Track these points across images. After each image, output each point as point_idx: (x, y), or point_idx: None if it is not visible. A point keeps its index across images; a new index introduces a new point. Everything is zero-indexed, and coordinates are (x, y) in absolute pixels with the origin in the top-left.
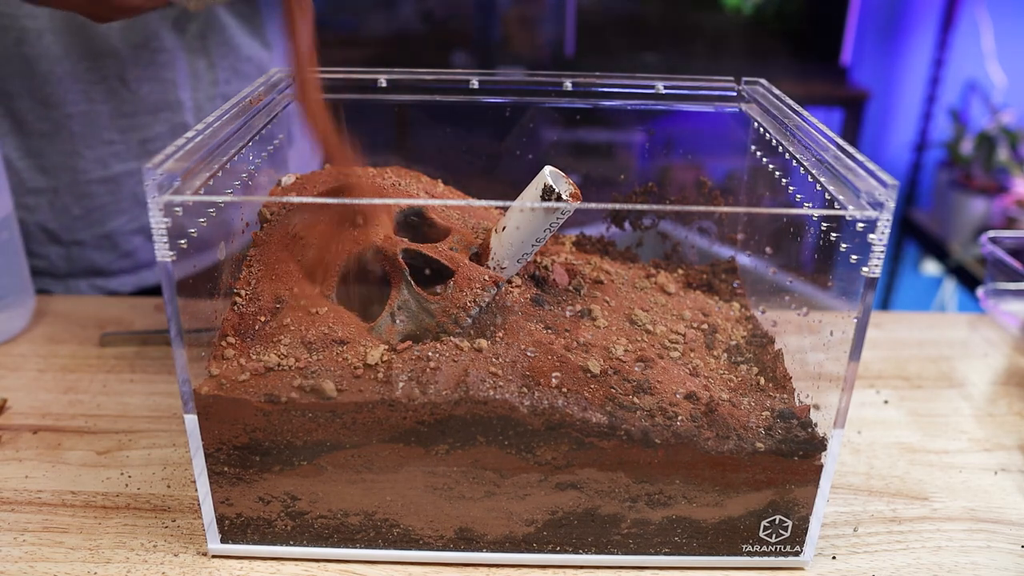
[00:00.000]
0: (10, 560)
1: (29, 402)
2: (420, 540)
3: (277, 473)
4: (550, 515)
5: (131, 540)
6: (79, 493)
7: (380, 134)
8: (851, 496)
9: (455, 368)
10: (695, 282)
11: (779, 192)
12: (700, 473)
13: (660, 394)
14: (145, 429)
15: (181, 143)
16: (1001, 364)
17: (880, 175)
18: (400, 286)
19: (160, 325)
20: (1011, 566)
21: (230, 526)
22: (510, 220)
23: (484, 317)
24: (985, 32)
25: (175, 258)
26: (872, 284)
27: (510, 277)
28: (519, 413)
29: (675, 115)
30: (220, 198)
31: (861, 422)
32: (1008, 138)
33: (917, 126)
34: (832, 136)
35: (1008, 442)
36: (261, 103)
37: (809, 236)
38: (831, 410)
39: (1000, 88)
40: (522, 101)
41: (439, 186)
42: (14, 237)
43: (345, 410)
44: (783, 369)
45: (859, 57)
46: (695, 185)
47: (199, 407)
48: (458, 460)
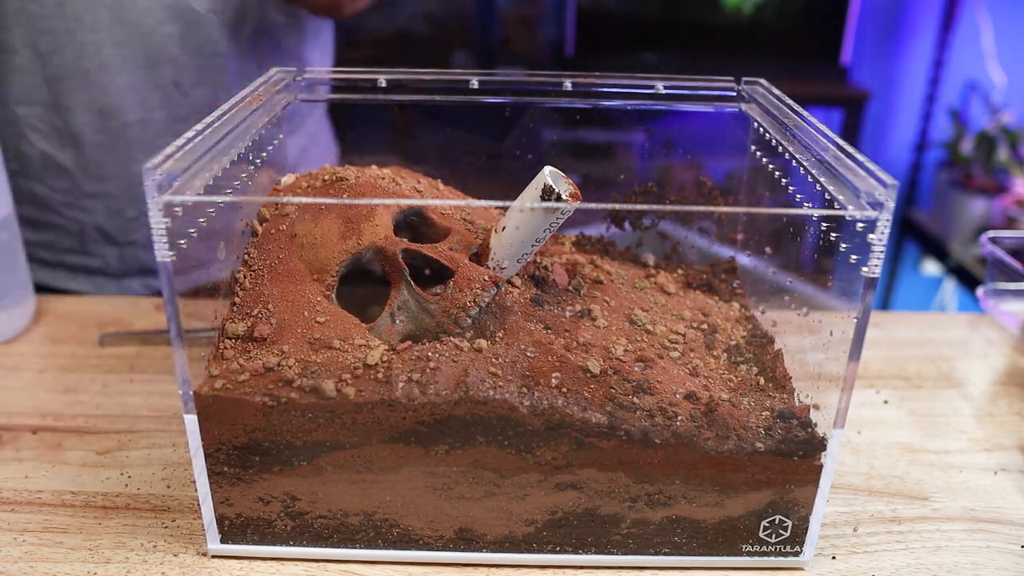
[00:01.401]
0: (10, 560)
1: (29, 402)
2: (420, 540)
3: (277, 473)
4: (550, 515)
5: (131, 540)
6: (79, 493)
7: (380, 134)
8: (851, 496)
9: (455, 368)
10: (695, 282)
11: (779, 192)
12: (700, 473)
13: (660, 394)
14: (145, 429)
15: (181, 143)
16: (1001, 364)
17: (880, 175)
18: (400, 286)
19: (160, 325)
20: (1011, 566)
21: (230, 526)
22: (510, 220)
23: (484, 317)
24: (985, 32)
25: (175, 258)
26: (872, 284)
27: (510, 277)
28: (519, 413)
29: (675, 115)
30: (220, 198)
31: (861, 422)
32: (1008, 138)
33: (917, 126)
34: (832, 136)
35: (1008, 442)
36: (261, 103)
37: (809, 236)
38: (831, 410)
39: (1000, 88)
40: (522, 101)
41: (439, 186)
42: (14, 237)
43: (345, 410)
44: (783, 369)
45: (859, 57)
46: (695, 185)
47: (199, 407)
48: (458, 460)
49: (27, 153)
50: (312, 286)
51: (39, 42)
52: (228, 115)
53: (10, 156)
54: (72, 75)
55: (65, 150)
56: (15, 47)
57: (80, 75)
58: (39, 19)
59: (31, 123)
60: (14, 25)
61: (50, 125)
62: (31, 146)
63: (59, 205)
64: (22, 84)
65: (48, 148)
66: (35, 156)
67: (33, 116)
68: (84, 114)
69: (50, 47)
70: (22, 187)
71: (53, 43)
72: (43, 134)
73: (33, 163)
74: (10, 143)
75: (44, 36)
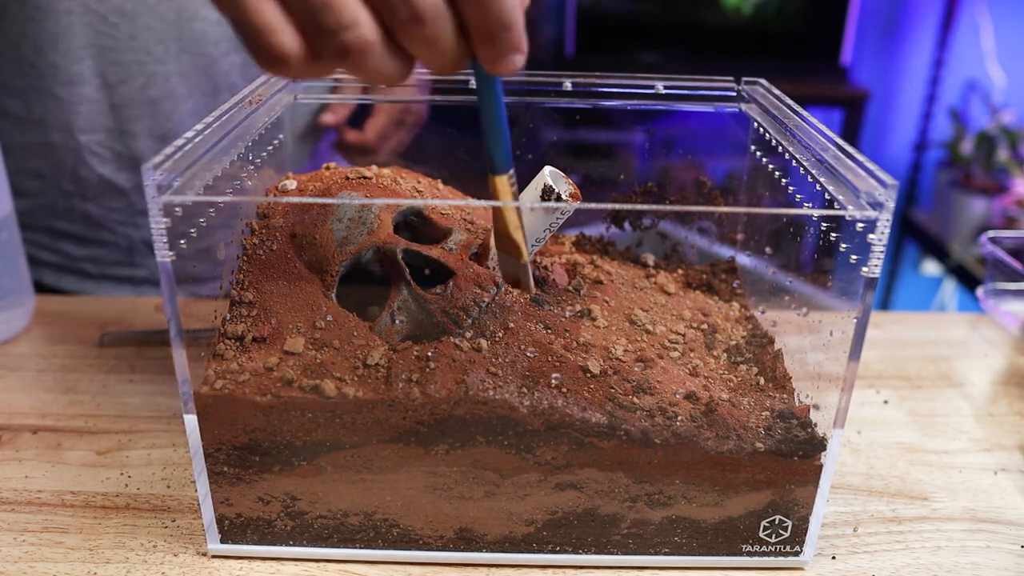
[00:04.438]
0: (10, 560)
1: (29, 402)
2: (420, 540)
3: (277, 473)
4: (550, 515)
5: (131, 540)
6: (79, 493)
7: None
8: (851, 496)
9: (455, 368)
10: (695, 282)
11: (779, 192)
12: (700, 473)
13: (660, 394)
14: (145, 429)
15: (181, 143)
16: (1001, 364)
17: (880, 175)
18: (400, 286)
19: (160, 325)
20: (1011, 566)
21: (230, 526)
22: None
23: (484, 317)
24: (985, 32)
25: (175, 258)
26: (872, 284)
27: None
28: (519, 413)
29: (675, 115)
30: (220, 198)
31: (861, 422)
32: (1008, 138)
33: (917, 126)
34: (832, 136)
35: (1008, 442)
36: (261, 103)
37: (809, 236)
38: (831, 410)
39: (1000, 88)
40: (522, 101)
41: (439, 186)
42: (14, 237)
43: (345, 410)
44: (783, 369)
45: (859, 57)
46: (695, 185)
47: (199, 407)
48: (458, 460)
49: (84, 176)
50: (312, 286)
51: (108, 73)
52: (228, 115)
53: (66, 179)
54: (138, 103)
55: (124, 173)
56: (84, 78)
57: (146, 104)
58: (111, 52)
59: (92, 149)
60: (86, 57)
61: (111, 150)
62: (90, 171)
63: (112, 223)
64: (87, 112)
65: (107, 172)
66: (92, 179)
67: (95, 142)
68: (146, 139)
69: (119, 78)
70: (76, 208)
71: (123, 74)
72: (103, 159)
73: (90, 185)
74: (67, 168)
75: (114, 67)
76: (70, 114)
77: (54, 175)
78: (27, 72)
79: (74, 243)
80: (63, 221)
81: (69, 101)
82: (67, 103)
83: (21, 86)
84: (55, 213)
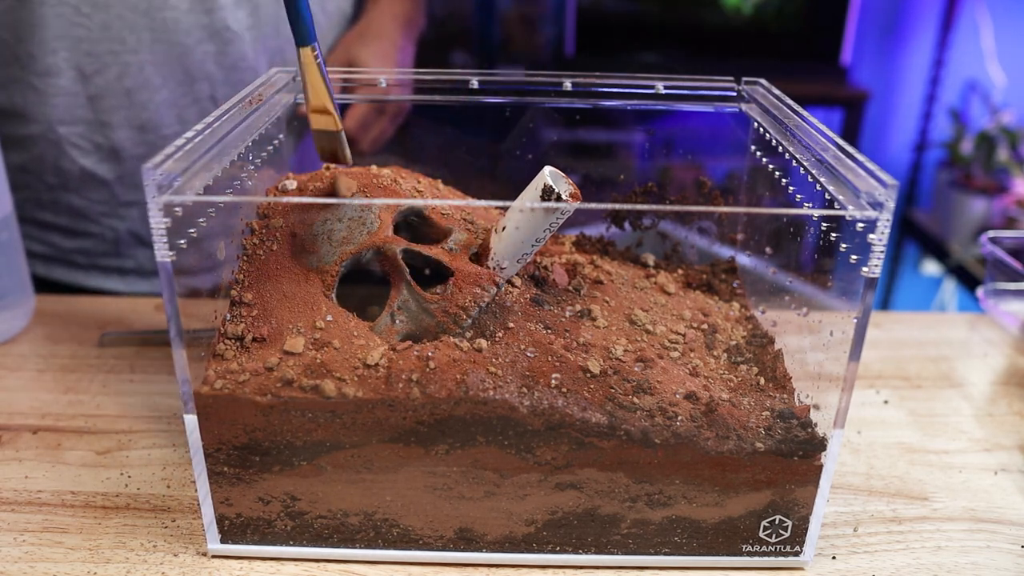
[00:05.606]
0: (10, 560)
1: (29, 402)
2: (420, 540)
3: (277, 473)
4: (550, 515)
5: (131, 540)
6: (79, 493)
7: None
8: (851, 496)
9: (455, 368)
10: (695, 282)
11: (779, 192)
12: (700, 473)
13: (660, 394)
14: (145, 429)
15: (181, 143)
16: (1001, 364)
17: (880, 175)
18: (400, 286)
19: (160, 325)
20: (1011, 566)
21: (230, 526)
22: (510, 220)
23: (484, 317)
24: (985, 32)
25: (175, 258)
26: (872, 284)
27: (510, 277)
28: (519, 413)
29: (675, 115)
30: (220, 198)
31: (861, 422)
32: (1008, 138)
33: (917, 126)
34: (832, 136)
35: (1008, 442)
36: (261, 103)
37: (809, 236)
38: (831, 410)
39: (1000, 88)
40: (522, 101)
41: (439, 186)
42: (14, 237)
43: (345, 410)
44: (783, 369)
45: (859, 57)
46: (695, 185)
47: (199, 407)
48: (458, 460)
49: (67, 168)
50: (312, 286)
51: (83, 64)
52: (228, 115)
53: (49, 172)
54: (114, 94)
55: (105, 164)
56: (60, 69)
57: (122, 94)
58: (84, 42)
59: (72, 141)
60: (60, 49)
61: (91, 142)
62: (72, 162)
63: (97, 215)
64: (65, 104)
65: (88, 164)
66: (75, 171)
67: (75, 134)
68: (124, 130)
69: (94, 68)
70: (60, 200)
71: (97, 64)
72: (84, 151)
73: (72, 177)
74: (49, 160)
75: (88, 58)
76: (49, 106)
77: (37, 168)
78: (10, 63)
79: (62, 235)
80: (49, 213)
81: (47, 93)
82: (45, 95)
83: (3, 77)
84: (41, 205)
